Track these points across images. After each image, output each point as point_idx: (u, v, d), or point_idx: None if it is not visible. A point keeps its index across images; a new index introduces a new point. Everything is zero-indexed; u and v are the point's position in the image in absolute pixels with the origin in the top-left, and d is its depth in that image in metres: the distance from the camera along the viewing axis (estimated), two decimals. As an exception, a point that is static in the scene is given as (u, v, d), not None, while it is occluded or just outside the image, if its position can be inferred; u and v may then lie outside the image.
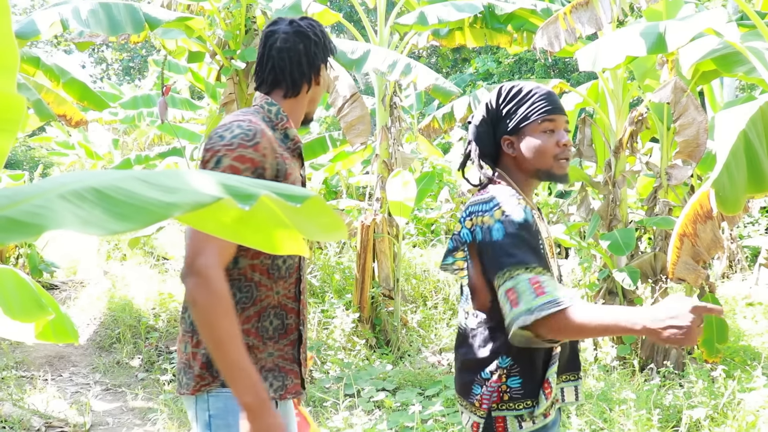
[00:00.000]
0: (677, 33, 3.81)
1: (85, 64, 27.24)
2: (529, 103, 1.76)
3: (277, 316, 1.80)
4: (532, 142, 1.76)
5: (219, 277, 1.56)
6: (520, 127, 1.77)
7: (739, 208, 2.76)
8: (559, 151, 1.76)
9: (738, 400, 3.72)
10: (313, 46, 1.86)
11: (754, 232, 9.65)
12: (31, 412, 4.27)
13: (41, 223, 0.62)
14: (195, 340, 1.75)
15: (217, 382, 1.72)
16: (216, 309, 1.54)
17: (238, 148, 1.63)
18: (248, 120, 1.70)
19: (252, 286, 1.75)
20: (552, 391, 1.73)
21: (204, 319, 1.54)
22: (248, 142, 1.64)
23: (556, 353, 1.75)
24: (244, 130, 1.66)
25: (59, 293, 7.65)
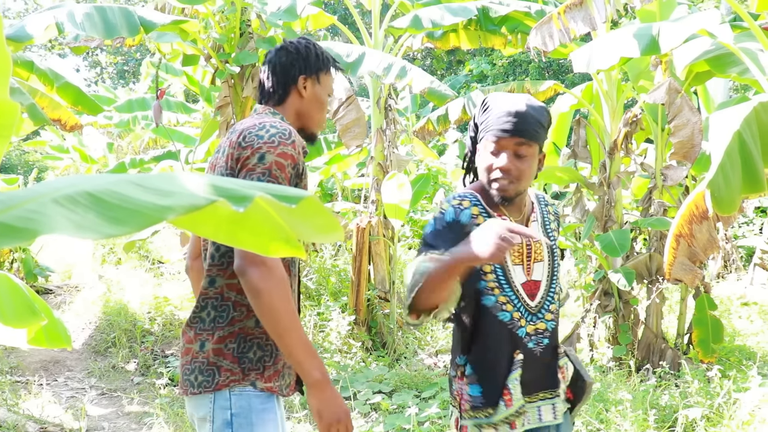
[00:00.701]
0: (671, 34, 3.82)
1: (79, 67, 27.24)
2: (487, 119, 1.77)
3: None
4: (480, 157, 1.80)
5: (280, 265, 1.68)
6: (478, 142, 1.81)
7: (734, 208, 2.77)
8: (494, 174, 1.75)
9: (734, 399, 3.72)
10: (291, 58, 1.94)
11: (749, 232, 9.68)
12: (26, 417, 4.25)
13: (35, 227, 0.62)
14: (217, 337, 1.77)
15: (247, 380, 1.76)
16: (281, 294, 1.65)
17: (279, 145, 1.73)
18: (276, 121, 1.80)
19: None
20: (512, 399, 1.73)
21: (271, 306, 1.65)
22: (287, 140, 1.75)
23: (519, 359, 1.75)
24: (280, 129, 1.76)
25: (54, 298, 7.62)
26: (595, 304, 5.41)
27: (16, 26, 4.50)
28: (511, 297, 1.77)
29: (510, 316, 1.77)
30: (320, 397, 1.68)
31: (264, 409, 1.76)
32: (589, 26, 4.19)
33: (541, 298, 1.82)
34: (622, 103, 5.44)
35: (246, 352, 1.77)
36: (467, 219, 1.75)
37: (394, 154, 6.04)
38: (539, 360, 1.79)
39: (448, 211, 1.76)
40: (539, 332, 1.80)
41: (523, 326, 1.77)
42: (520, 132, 1.72)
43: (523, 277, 1.80)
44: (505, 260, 1.77)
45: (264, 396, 1.78)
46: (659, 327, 5.28)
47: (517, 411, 1.74)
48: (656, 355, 5.14)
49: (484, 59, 14.68)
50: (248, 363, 1.77)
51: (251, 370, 1.77)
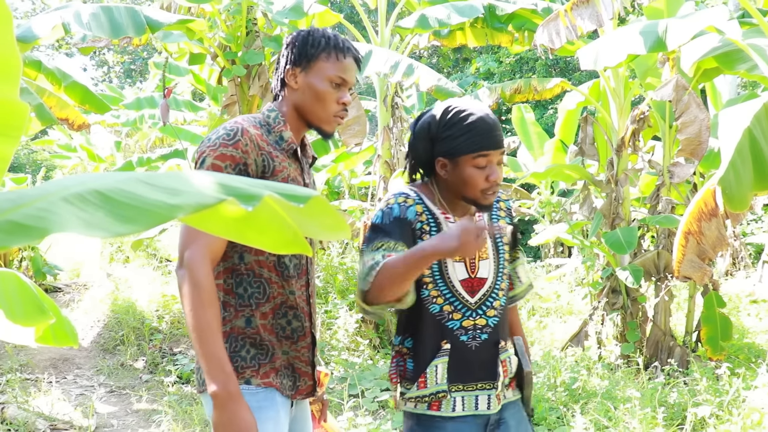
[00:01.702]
0: (678, 31, 3.80)
1: (86, 67, 27.29)
2: (467, 133, 1.79)
3: (297, 317, 1.85)
4: (464, 173, 1.81)
5: (202, 269, 1.65)
6: (455, 155, 1.81)
7: (746, 205, 2.76)
8: (486, 186, 1.82)
9: (743, 397, 3.71)
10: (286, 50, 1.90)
11: (758, 229, 9.63)
12: (36, 415, 4.28)
13: (45, 226, 0.62)
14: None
15: (241, 378, 1.76)
16: (197, 299, 1.63)
17: (219, 147, 1.73)
18: (234, 122, 1.79)
19: (262, 282, 1.80)
20: (427, 383, 1.84)
21: (187, 308, 1.65)
22: (229, 141, 1.73)
23: (446, 348, 1.84)
24: (227, 131, 1.76)
25: (62, 296, 7.66)
26: (603, 301, 5.39)
27: (24, 27, 4.52)
28: (443, 291, 1.85)
29: (439, 308, 1.85)
30: (218, 412, 1.62)
31: (259, 407, 1.73)
32: (596, 23, 4.18)
33: (482, 294, 1.88)
34: (629, 100, 5.43)
35: (238, 350, 1.77)
36: (413, 216, 1.83)
37: (401, 152, 6.04)
38: (474, 353, 1.86)
39: (394, 207, 1.84)
40: (478, 327, 1.87)
41: (456, 319, 1.85)
42: (502, 143, 1.84)
43: (464, 274, 1.87)
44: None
45: (261, 394, 1.76)
46: (667, 324, 5.27)
47: (433, 394, 1.84)
48: (664, 352, 5.12)
49: (491, 57, 14.66)
50: (241, 361, 1.76)
51: (245, 368, 1.77)
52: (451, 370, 1.84)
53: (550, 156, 8.15)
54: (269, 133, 1.85)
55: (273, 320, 1.81)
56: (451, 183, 1.85)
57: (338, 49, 1.86)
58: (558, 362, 4.64)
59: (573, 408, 3.80)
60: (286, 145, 1.86)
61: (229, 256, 1.78)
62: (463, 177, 1.82)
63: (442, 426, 1.85)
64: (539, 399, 4.07)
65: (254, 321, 1.78)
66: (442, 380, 1.83)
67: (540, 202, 9.48)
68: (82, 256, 9.53)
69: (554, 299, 7.63)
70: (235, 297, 1.78)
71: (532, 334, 6.14)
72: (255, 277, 1.79)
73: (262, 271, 1.80)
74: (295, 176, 1.86)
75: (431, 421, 1.86)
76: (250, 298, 1.78)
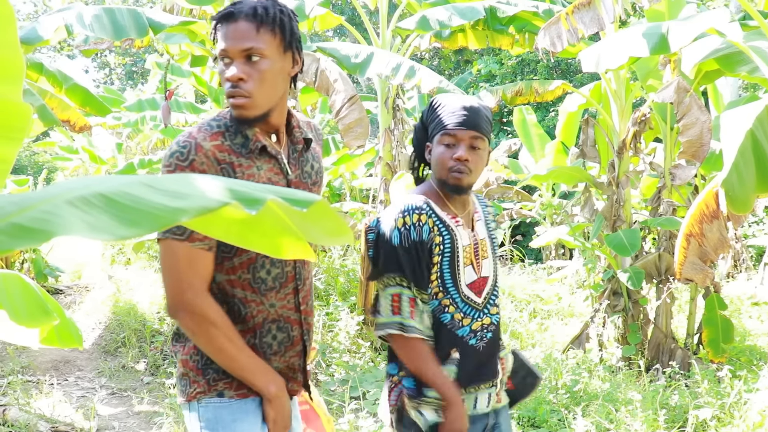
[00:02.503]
0: (680, 33, 3.80)
1: (88, 68, 27.38)
2: (440, 115, 1.87)
3: (281, 329, 1.76)
4: (435, 152, 1.89)
5: (211, 306, 1.62)
6: (432, 137, 1.90)
7: (749, 207, 2.76)
8: (452, 164, 1.85)
9: (744, 400, 3.70)
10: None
11: (759, 231, 9.63)
12: (38, 417, 4.28)
13: (49, 228, 0.62)
14: (186, 347, 1.74)
15: (213, 391, 1.70)
16: (217, 336, 1.62)
17: (175, 169, 1.59)
18: (188, 135, 1.63)
19: (236, 302, 1.69)
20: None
21: (206, 344, 1.63)
22: (183, 162, 1.59)
23: (455, 357, 1.88)
24: (180, 147, 1.60)
25: (64, 297, 7.67)
26: (604, 303, 5.39)
27: (27, 28, 4.53)
28: (455, 298, 1.89)
29: (450, 317, 1.88)
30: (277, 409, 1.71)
31: (234, 420, 1.69)
32: (597, 26, 4.18)
33: (487, 293, 1.94)
34: (630, 102, 5.43)
35: (210, 363, 1.70)
36: (427, 236, 1.86)
37: (403, 154, 6.04)
38: (480, 354, 1.91)
39: (411, 230, 1.85)
40: (485, 327, 1.93)
41: (466, 325, 1.90)
42: (475, 126, 1.85)
43: (473, 275, 1.92)
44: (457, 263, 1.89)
45: (235, 405, 1.70)
46: (669, 327, 5.26)
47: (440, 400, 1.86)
48: (666, 355, 5.12)
49: (493, 59, 14.65)
50: (213, 374, 1.70)
51: (218, 380, 1.70)
52: (458, 377, 1.88)
53: (552, 158, 8.15)
54: (235, 136, 1.66)
55: (257, 340, 1.72)
56: (432, 167, 1.92)
57: (217, 21, 1.64)
58: (559, 364, 4.64)
59: (574, 410, 3.80)
60: (252, 144, 1.67)
61: None
62: (435, 158, 1.89)
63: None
64: (540, 401, 4.07)
65: None
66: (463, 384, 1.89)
67: (541, 204, 9.48)
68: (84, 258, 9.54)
69: (555, 301, 7.63)
70: None
71: (533, 336, 6.13)
72: (228, 297, 1.69)
73: (235, 291, 1.68)
74: (267, 179, 1.69)
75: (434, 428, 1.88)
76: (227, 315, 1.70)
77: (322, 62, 5.20)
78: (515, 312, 6.80)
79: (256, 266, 1.69)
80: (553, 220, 9.47)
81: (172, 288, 1.60)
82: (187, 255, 1.59)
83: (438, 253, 1.86)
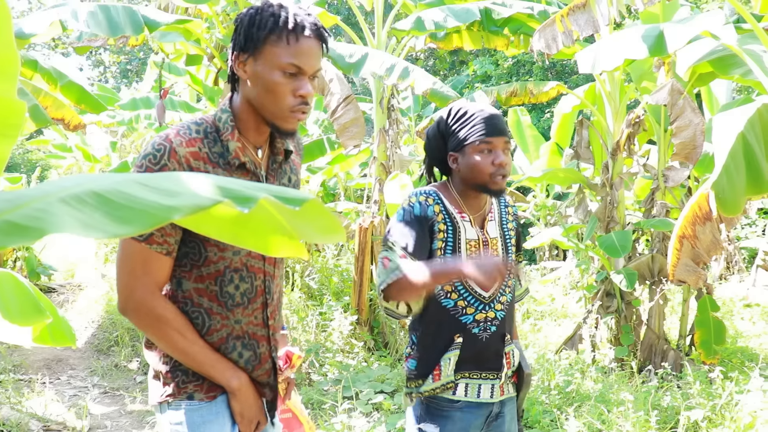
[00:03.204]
0: (674, 36, 3.82)
1: (82, 66, 27.25)
2: (470, 125, 1.94)
3: (247, 346, 1.71)
4: (471, 160, 1.95)
5: (162, 305, 1.60)
6: (462, 146, 1.96)
7: (738, 209, 2.78)
8: (494, 170, 1.94)
9: (735, 401, 3.72)
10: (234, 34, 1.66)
11: (752, 233, 9.67)
12: (29, 416, 4.27)
13: (42, 226, 0.62)
14: (157, 350, 1.72)
15: (183, 393, 1.68)
16: (168, 332, 1.61)
17: (145, 171, 1.56)
18: (165, 137, 1.58)
19: (202, 312, 1.65)
20: (441, 375, 1.96)
21: (161, 343, 1.63)
22: (154, 165, 1.55)
23: (458, 341, 1.96)
24: (154, 150, 1.56)
25: (57, 296, 7.64)
26: (597, 305, 5.41)
27: (20, 24, 4.52)
28: (457, 287, 1.96)
29: (453, 303, 1.97)
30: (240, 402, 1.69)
31: (203, 422, 1.67)
32: (592, 29, 4.19)
33: (494, 290, 2.00)
34: (624, 104, 5.44)
35: (178, 365, 1.67)
36: (432, 214, 1.95)
37: (397, 154, 6.05)
38: (483, 344, 1.98)
39: (415, 205, 1.95)
40: (488, 320, 1.99)
41: (470, 314, 1.97)
42: (506, 131, 1.97)
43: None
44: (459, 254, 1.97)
45: (205, 408, 1.67)
46: (661, 328, 5.28)
47: (444, 385, 1.96)
48: (658, 356, 5.13)
49: (488, 60, 14.67)
50: (182, 376, 1.67)
51: (187, 383, 1.67)
52: (461, 361, 1.96)
53: (546, 159, 8.17)
54: (214, 144, 1.62)
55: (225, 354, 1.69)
56: (463, 175, 1.98)
57: (289, 30, 1.56)
58: (552, 365, 4.65)
59: (566, 411, 3.81)
60: (231, 158, 1.62)
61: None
62: (470, 165, 1.95)
63: (450, 414, 1.97)
64: (533, 402, 4.08)
65: None
66: (452, 371, 1.96)
67: (535, 205, 9.50)
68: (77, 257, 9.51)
69: (549, 302, 7.65)
70: None
71: (526, 337, 6.15)
72: (194, 306, 1.65)
73: (202, 300, 1.65)
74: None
75: (439, 409, 1.97)
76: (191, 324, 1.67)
77: (318, 62, 5.19)
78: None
79: (224, 280, 1.65)
80: (547, 221, 9.49)
81: (123, 286, 1.59)
82: (144, 256, 1.57)
83: (441, 239, 1.95)
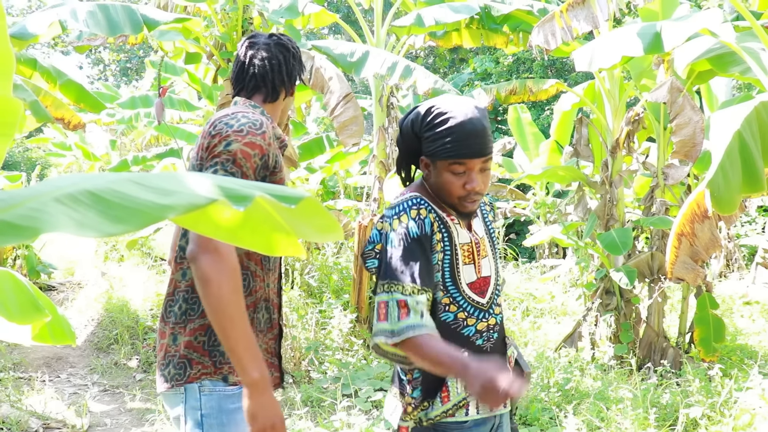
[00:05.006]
0: (673, 33, 3.81)
1: (82, 65, 27.23)
2: (444, 138, 1.70)
3: (267, 309, 1.86)
4: (440, 177, 1.75)
5: (233, 254, 1.60)
6: (433, 156, 1.74)
7: (734, 208, 2.77)
8: (463, 194, 1.74)
9: (735, 399, 3.72)
10: (292, 58, 1.94)
11: (752, 231, 9.67)
12: (29, 414, 4.27)
13: (37, 225, 0.62)
14: (189, 329, 1.75)
15: (219, 374, 1.73)
16: (231, 285, 1.57)
17: (248, 134, 1.70)
18: (250, 111, 1.77)
19: (249, 275, 1.80)
20: (449, 395, 1.76)
21: (217, 296, 1.56)
22: (257, 131, 1.71)
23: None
24: (251, 120, 1.73)
25: (57, 294, 7.64)
26: (596, 302, 5.41)
27: (20, 24, 4.51)
28: (456, 297, 1.78)
29: (453, 316, 1.78)
30: (257, 399, 1.60)
31: (236, 408, 1.72)
32: (591, 25, 4.19)
33: (491, 293, 1.84)
34: (624, 101, 5.44)
35: (217, 345, 1.73)
36: (429, 228, 1.75)
37: (396, 152, 6.04)
38: (489, 355, 1.79)
39: (410, 226, 1.73)
40: (490, 327, 1.83)
41: (471, 325, 1.79)
42: (486, 151, 1.73)
43: (473, 275, 1.81)
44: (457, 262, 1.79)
45: (236, 395, 1.73)
46: (661, 326, 5.28)
47: (456, 405, 1.77)
48: (657, 353, 5.14)
49: (488, 57, 14.66)
50: (219, 356, 1.73)
51: (223, 363, 1.74)
52: None
53: (546, 157, 8.17)
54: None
55: (254, 314, 1.81)
56: (432, 184, 1.80)
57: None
58: (551, 363, 4.66)
59: (566, 408, 3.81)
60: (279, 142, 1.88)
61: None
62: (440, 182, 1.76)
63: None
64: (532, 399, 4.08)
65: None
66: (462, 388, 1.75)
67: (535, 203, 9.50)
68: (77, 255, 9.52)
69: (548, 300, 7.65)
70: None
71: (526, 335, 6.15)
72: (243, 270, 1.76)
73: (250, 264, 1.80)
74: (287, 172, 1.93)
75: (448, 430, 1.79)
76: None
77: (317, 60, 5.19)
78: (508, 310, 6.82)
79: None
80: (547, 219, 9.49)
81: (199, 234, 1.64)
82: None
83: (440, 250, 1.76)
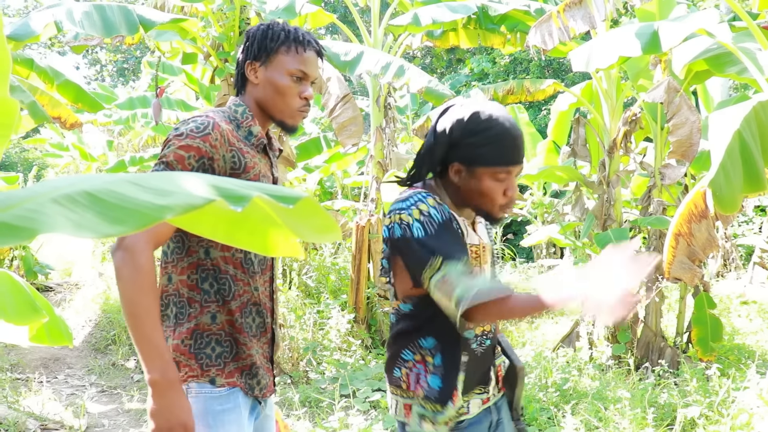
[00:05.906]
0: (670, 33, 3.82)
1: (79, 65, 27.21)
2: (493, 145, 1.69)
3: (259, 313, 1.84)
4: (481, 184, 1.72)
5: (145, 253, 1.59)
6: (475, 165, 1.71)
7: (736, 207, 2.78)
8: (504, 202, 1.74)
9: (732, 398, 3.73)
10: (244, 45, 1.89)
11: (749, 231, 9.69)
12: (27, 415, 4.26)
13: (34, 226, 0.62)
14: (177, 332, 1.75)
15: (206, 376, 1.73)
16: (137, 282, 1.57)
17: (186, 138, 1.69)
18: (205, 115, 1.77)
19: (228, 278, 1.77)
20: (458, 398, 1.75)
21: (125, 292, 1.57)
22: (197, 134, 1.69)
23: (464, 361, 1.76)
24: (198, 123, 1.72)
25: (54, 295, 7.63)
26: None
27: (16, 24, 4.51)
28: None
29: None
30: (157, 400, 1.56)
31: (223, 410, 1.72)
32: (588, 25, 4.19)
33: None
34: (621, 101, 5.45)
35: (203, 348, 1.74)
36: (449, 215, 1.73)
37: (394, 152, 6.04)
38: (479, 360, 1.81)
39: (432, 213, 1.70)
40: (485, 333, 1.83)
41: (471, 328, 1.78)
42: (521, 159, 1.74)
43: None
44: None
45: (224, 396, 1.73)
46: (658, 325, 5.29)
47: (458, 411, 1.76)
48: (655, 353, 5.14)
49: (485, 57, 14.67)
50: (206, 359, 1.74)
51: (210, 366, 1.74)
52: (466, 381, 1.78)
53: (543, 157, 8.17)
54: (238, 129, 1.84)
55: (242, 319, 1.78)
56: (465, 191, 1.75)
57: (298, 42, 1.86)
58: (549, 363, 4.66)
59: (564, 408, 3.82)
60: (255, 140, 1.85)
61: (194, 251, 1.74)
62: (480, 188, 1.72)
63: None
64: (530, 399, 4.08)
65: (219, 317, 1.75)
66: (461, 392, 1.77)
67: (532, 203, 9.51)
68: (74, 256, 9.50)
69: (546, 300, 7.64)
70: (200, 293, 1.75)
71: (523, 335, 6.15)
72: (221, 274, 1.76)
73: (228, 267, 1.77)
74: (265, 172, 1.85)
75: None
76: (216, 294, 1.75)
77: (315, 60, 5.19)
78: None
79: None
80: (544, 219, 9.50)
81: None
82: None
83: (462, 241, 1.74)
